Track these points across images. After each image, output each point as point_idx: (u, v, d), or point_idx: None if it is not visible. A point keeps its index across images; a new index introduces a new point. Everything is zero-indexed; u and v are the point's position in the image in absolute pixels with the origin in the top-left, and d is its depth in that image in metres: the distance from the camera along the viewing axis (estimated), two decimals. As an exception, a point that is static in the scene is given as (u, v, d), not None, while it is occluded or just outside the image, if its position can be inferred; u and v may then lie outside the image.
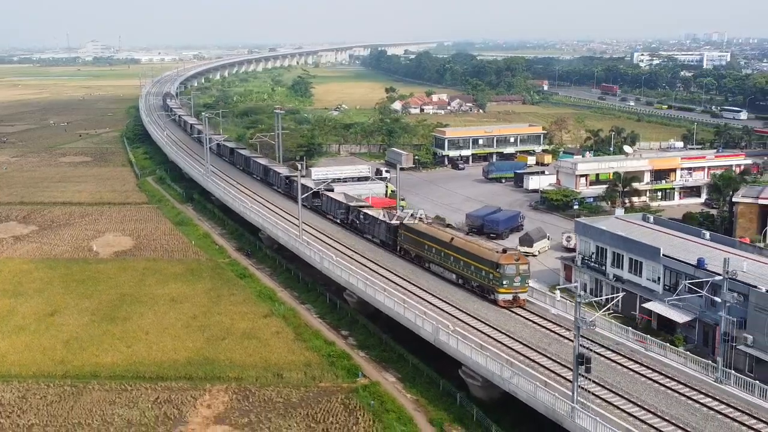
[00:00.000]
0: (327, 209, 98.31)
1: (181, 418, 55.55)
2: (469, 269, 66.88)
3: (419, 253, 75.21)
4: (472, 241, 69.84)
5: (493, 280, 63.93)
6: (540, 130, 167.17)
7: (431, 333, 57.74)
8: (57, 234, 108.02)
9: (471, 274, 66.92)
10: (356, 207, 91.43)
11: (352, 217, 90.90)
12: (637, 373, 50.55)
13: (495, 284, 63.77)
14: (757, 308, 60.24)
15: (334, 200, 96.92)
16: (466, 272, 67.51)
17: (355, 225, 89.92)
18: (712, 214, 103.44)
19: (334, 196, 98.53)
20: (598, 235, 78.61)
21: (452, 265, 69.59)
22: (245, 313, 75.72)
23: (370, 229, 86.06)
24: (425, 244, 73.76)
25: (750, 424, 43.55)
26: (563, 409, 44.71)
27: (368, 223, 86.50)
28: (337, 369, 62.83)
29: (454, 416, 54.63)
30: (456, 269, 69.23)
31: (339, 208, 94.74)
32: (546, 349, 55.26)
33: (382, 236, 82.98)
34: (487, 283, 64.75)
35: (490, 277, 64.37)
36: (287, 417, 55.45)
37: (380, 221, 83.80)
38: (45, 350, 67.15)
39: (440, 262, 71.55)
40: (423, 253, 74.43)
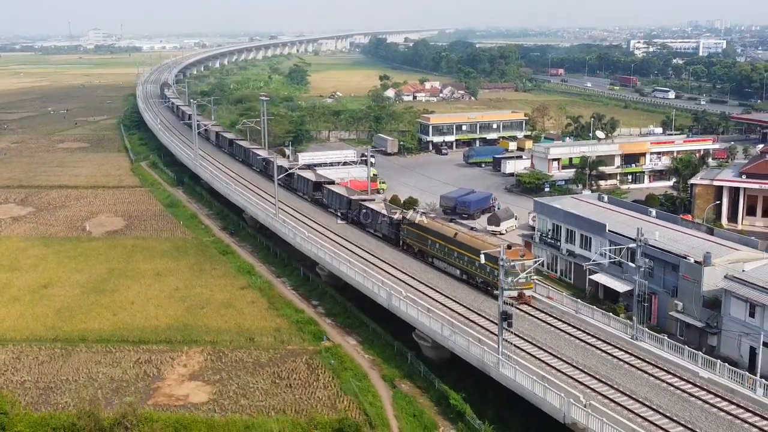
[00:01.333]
0: (329, 203, 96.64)
1: (159, 376, 61.38)
2: (473, 265, 65.23)
3: (422, 248, 74.37)
4: (476, 237, 68.85)
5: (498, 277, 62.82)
6: (522, 116, 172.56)
7: (385, 299, 63.49)
8: (53, 215, 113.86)
9: (475, 270, 65.51)
10: (358, 201, 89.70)
11: (353, 211, 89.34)
12: (562, 332, 56.29)
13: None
14: (686, 277, 65.94)
15: (335, 194, 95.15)
16: (470, 268, 66.07)
17: (356, 219, 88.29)
18: (673, 196, 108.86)
19: (336, 189, 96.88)
20: (554, 213, 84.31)
21: (456, 260, 68.58)
22: (224, 285, 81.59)
23: (372, 223, 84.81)
24: (428, 239, 72.81)
25: (651, 372, 49.27)
26: (491, 361, 50.43)
27: (370, 217, 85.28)
28: (304, 334, 68.67)
29: (404, 373, 60.50)
30: (459, 265, 68.21)
31: (341, 202, 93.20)
32: (489, 314, 60.80)
33: (384, 230, 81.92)
34: (492, 279, 62.55)
35: (494, 274, 61.13)
36: (255, 374, 61.27)
37: (382, 215, 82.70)
38: (38, 318, 73.04)
39: (443, 257, 70.53)
40: (426, 248, 73.53)
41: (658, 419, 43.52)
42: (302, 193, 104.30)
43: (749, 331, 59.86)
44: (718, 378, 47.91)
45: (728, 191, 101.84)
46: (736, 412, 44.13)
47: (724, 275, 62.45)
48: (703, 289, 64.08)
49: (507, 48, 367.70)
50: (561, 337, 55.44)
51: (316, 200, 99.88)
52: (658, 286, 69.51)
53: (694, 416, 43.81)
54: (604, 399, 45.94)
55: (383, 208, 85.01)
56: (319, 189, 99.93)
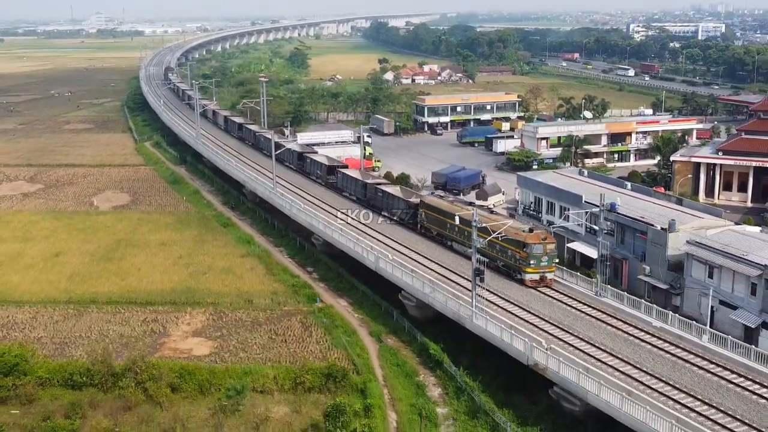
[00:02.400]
0: (343, 186, 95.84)
1: (164, 333, 66.62)
2: (494, 248, 64.82)
3: (441, 231, 74.02)
4: (497, 220, 67.42)
5: (520, 260, 62.36)
6: (515, 98, 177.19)
7: (373, 261, 68.70)
8: (61, 191, 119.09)
9: (496, 254, 65.25)
10: (374, 185, 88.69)
11: (369, 195, 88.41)
12: (532, 289, 61.55)
13: (522, 264, 62.24)
14: (653, 243, 71.10)
15: (350, 177, 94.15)
16: (491, 251, 65.20)
17: (372, 203, 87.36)
18: (654, 172, 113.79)
19: (350, 173, 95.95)
20: (535, 186, 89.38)
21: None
22: (225, 254, 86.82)
23: (388, 206, 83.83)
24: (447, 222, 72.23)
25: (609, 322, 54.56)
26: (466, 314, 55.68)
27: (386, 200, 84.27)
28: (299, 296, 73.94)
29: (390, 329, 65.81)
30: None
31: (356, 186, 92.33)
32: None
33: (401, 214, 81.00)
34: (514, 262, 63.25)
35: (516, 257, 62.79)
36: (253, 331, 66.50)
37: (399, 199, 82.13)
38: (51, 282, 78.32)
39: (463, 240, 69.33)
40: (445, 232, 73.17)
41: (609, 360, 48.78)
42: (315, 177, 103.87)
43: (708, 291, 65.04)
44: (669, 327, 53.08)
45: (705, 167, 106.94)
46: (680, 354, 49.34)
47: (687, 240, 67.53)
48: (668, 254, 69.15)
49: (505, 32, 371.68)
50: (531, 294, 60.69)
51: (330, 184, 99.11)
52: (629, 252, 74.64)
53: (642, 358, 49.04)
54: (564, 344, 51.17)
55: (399, 192, 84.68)
56: (333, 173, 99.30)
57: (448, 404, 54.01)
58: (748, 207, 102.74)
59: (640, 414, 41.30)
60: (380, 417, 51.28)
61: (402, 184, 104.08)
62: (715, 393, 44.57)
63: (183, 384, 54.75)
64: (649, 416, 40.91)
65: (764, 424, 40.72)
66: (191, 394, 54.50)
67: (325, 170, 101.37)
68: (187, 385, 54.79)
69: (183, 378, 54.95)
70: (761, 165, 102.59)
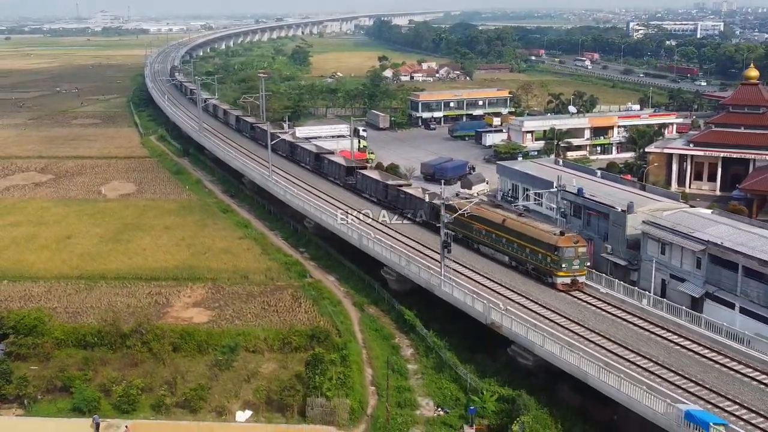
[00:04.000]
0: (362, 188, 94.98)
1: (167, 304, 73.32)
2: (524, 252, 64.56)
3: (467, 234, 73.03)
4: (527, 223, 66.80)
5: (551, 264, 61.65)
6: (506, 94, 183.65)
7: (357, 239, 75.47)
8: (71, 181, 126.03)
9: (526, 257, 64.61)
10: (395, 186, 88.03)
11: (390, 197, 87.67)
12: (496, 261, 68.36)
13: (553, 267, 61.60)
14: (614, 224, 77.65)
15: (370, 179, 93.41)
16: (521, 255, 65.07)
17: (393, 205, 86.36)
18: (631, 163, 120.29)
19: (370, 174, 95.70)
20: (513, 174, 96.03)
21: (504, 247, 67.42)
22: (224, 236, 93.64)
23: (410, 209, 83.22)
24: (473, 225, 71.56)
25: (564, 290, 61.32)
26: (435, 282, 62.38)
27: (409, 202, 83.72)
28: (291, 273, 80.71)
29: (371, 300, 72.64)
30: (509, 251, 66.99)
31: (376, 187, 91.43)
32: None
33: (425, 216, 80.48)
34: (545, 266, 62.53)
35: (547, 260, 62.01)
36: (248, 302, 73.16)
37: (422, 201, 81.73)
38: (64, 261, 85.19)
39: (491, 243, 69.23)
40: (472, 235, 72.32)
41: (556, 318, 55.53)
42: (333, 178, 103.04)
43: (661, 266, 71.65)
44: (614, 293, 59.74)
45: (677, 158, 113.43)
46: (619, 314, 56.04)
47: (643, 220, 74.05)
48: (627, 233, 75.70)
49: (504, 30, 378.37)
50: (493, 266, 67.45)
51: (349, 185, 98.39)
52: (594, 233, 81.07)
53: (585, 317, 55.77)
54: (519, 306, 57.86)
55: (422, 194, 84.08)
56: (352, 174, 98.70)
57: (418, 362, 60.76)
58: (717, 195, 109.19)
59: (575, 360, 47.94)
60: (357, 371, 58.02)
61: (391, 173, 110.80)
62: (644, 344, 51.26)
63: (183, 344, 61.56)
64: (583, 362, 47.56)
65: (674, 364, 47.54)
66: (190, 353, 61.29)
67: (344, 171, 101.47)
68: (187, 345, 61.59)
69: (183, 339, 61.74)
70: (729, 156, 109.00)
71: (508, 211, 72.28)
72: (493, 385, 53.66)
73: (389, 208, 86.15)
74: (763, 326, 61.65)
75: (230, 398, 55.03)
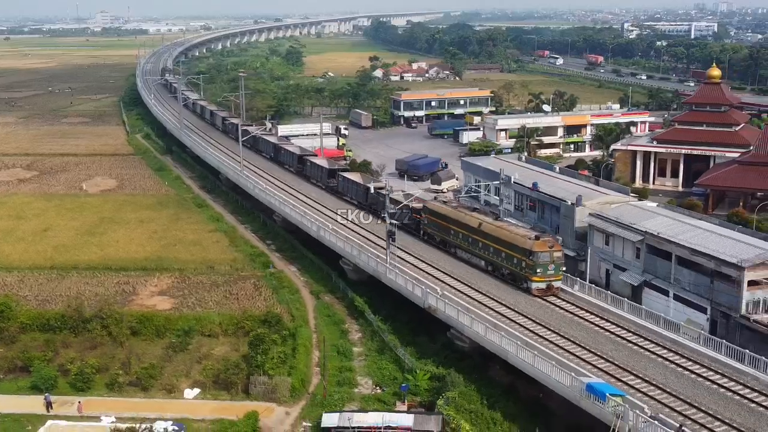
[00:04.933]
0: (344, 190, 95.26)
1: (134, 292, 76.50)
2: (500, 256, 63.95)
3: (444, 238, 72.75)
4: (502, 227, 65.85)
5: (526, 268, 60.75)
6: (488, 93, 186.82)
7: (315, 231, 78.79)
8: (54, 177, 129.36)
9: (502, 261, 63.97)
10: (376, 189, 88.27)
11: (371, 199, 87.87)
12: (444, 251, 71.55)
13: (528, 272, 60.66)
14: (564, 217, 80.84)
15: (351, 181, 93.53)
16: (496, 259, 64.51)
17: (373, 208, 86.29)
18: (599, 160, 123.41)
19: (351, 176, 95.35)
20: (476, 170, 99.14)
21: (480, 251, 66.78)
22: (196, 229, 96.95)
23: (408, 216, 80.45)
24: (451, 228, 71.26)
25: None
26: (382, 270, 65.63)
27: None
28: (256, 263, 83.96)
29: (328, 289, 76.00)
30: (485, 255, 66.24)
31: (357, 190, 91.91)
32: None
33: (405, 219, 78.45)
34: (519, 271, 61.73)
35: (522, 265, 61.15)
36: (211, 291, 76.39)
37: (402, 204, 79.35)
38: (39, 252, 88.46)
39: (467, 247, 68.68)
40: (448, 238, 71.86)
41: (492, 304, 58.78)
42: (316, 181, 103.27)
43: (605, 256, 74.87)
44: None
45: (642, 155, 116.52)
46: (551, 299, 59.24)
47: (589, 213, 77.22)
48: (576, 226, 78.89)
49: (495, 30, 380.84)
50: (441, 255, 70.75)
51: (331, 188, 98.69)
52: (548, 225, 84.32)
53: (518, 301, 59.01)
54: (456, 291, 61.10)
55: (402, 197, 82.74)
56: (334, 176, 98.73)
57: (364, 345, 64.02)
58: (680, 191, 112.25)
59: (497, 339, 51.15)
60: (304, 353, 61.25)
61: (363, 170, 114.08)
62: (567, 325, 54.47)
63: (142, 328, 64.95)
64: (504, 341, 50.77)
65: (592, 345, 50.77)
66: (149, 336, 64.69)
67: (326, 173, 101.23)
68: (146, 329, 64.98)
69: (142, 323, 65.13)
70: (690, 152, 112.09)
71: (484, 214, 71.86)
72: (428, 365, 56.86)
73: (370, 211, 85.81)
74: (693, 311, 65.05)
75: (180, 377, 58.33)
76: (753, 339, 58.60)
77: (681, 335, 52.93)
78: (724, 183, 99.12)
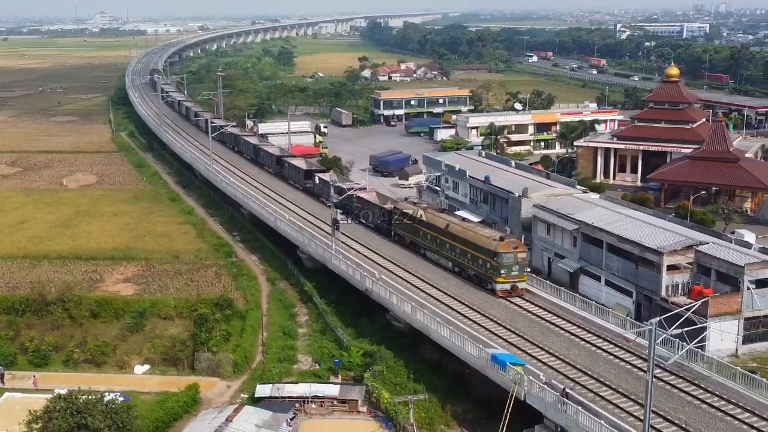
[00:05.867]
0: (320, 192, 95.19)
1: (100, 280, 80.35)
2: (466, 257, 64.50)
3: (414, 240, 73.03)
4: (468, 228, 66.59)
5: (491, 270, 61.38)
6: (467, 92, 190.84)
7: (273, 221, 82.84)
8: (37, 173, 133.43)
9: (467, 263, 64.45)
10: (348, 190, 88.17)
11: (344, 202, 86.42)
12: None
13: (492, 273, 61.25)
14: (512, 208, 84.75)
15: (327, 183, 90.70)
16: (463, 260, 65.08)
17: (348, 209, 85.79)
18: (564, 156, 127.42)
19: (327, 178, 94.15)
20: (437, 165, 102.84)
21: (448, 252, 67.37)
22: (166, 222, 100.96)
23: (364, 213, 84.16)
24: (420, 230, 71.56)
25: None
26: (328, 256, 69.65)
27: (362, 207, 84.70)
28: (219, 253, 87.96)
29: (283, 276, 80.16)
30: (452, 257, 66.95)
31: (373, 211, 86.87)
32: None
33: (377, 221, 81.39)
34: (484, 272, 62.27)
35: (487, 266, 61.77)
36: (174, 279, 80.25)
37: (374, 205, 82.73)
38: (13, 243, 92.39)
39: (436, 249, 69.20)
40: (418, 240, 72.13)
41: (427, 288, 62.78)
42: (293, 182, 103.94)
43: (547, 245, 78.80)
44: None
45: (602, 151, 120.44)
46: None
47: (533, 204, 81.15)
48: (522, 216, 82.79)
49: (485, 31, 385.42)
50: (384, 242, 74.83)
51: (308, 189, 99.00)
52: (498, 216, 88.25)
53: (450, 284, 62.92)
54: (393, 275, 65.07)
55: (375, 199, 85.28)
56: (310, 177, 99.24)
57: (309, 326, 68.01)
58: (638, 186, 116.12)
59: (421, 317, 55.12)
60: (252, 333, 65.28)
61: (333, 165, 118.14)
62: (490, 305, 58.43)
63: (102, 311, 69.03)
64: (427, 318, 54.73)
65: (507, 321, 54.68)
66: (108, 319, 68.71)
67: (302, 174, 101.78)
68: (106, 312, 69.05)
69: (102, 306, 69.21)
70: (648, 149, 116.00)
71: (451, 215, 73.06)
72: (363, 343, 60.80)
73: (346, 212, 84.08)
74: (622, 296, 68.98)
75: (132, 355, 62.42)
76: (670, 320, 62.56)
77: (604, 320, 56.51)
78: (675, 177, 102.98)
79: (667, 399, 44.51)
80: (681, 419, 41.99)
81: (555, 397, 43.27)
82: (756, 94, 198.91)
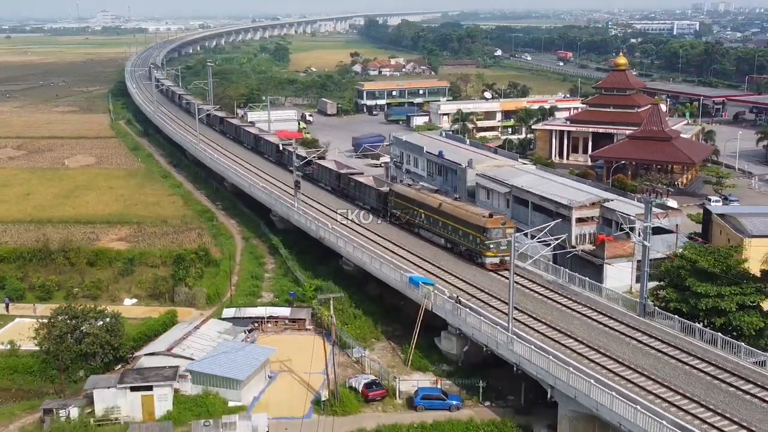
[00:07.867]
0: (319, 177, 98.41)
1: (96, 239, 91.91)
2: (457, 234, 67.72)
3: (409, 219, 75.84)
4: (459, 207, 70.03)
5: (480, 245, 64.66)
6: (446, 84, 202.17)
7: (247, 186, 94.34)
8: (41, 155, 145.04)
9: (459, 239, 67.70)
10: (347, 174, 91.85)
11: (342, 185, 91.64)
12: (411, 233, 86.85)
13: (482, 248, 64.61)
14: (459, 178, 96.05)
15: (325, 168, 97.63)
16: (454, 237, 68.31)
17: (345, 192, 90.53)
18: (525, 138, 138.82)
19: (325, 164, 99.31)
20: (401, 143, 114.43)
21: (440, 230, 70.58)
22: (157, 193, 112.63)
23: (360, 195, 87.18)
24: (414, 209, 74.69)
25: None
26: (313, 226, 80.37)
27: (358, 189, 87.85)
28: (202, 218, 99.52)
29: (256, 235, 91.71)
30: (444, 234, 70.06)
31: (330, 176, 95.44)
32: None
33: (373, 202, 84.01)
34: (475, 247, 65.56)
35: (477, 242, 65.01)
36: (161, 238, 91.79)
37: (370, 188, 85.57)
38: (20, 211, 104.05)
39: (429, 227, 72.37)
40: (412, 219, 75.23)
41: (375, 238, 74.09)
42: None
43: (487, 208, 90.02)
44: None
45: (557, 134, 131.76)
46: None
47: (476, 173, 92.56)
48: (468, 185, 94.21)
49: (475, 29, 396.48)
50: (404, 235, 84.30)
51: (307, 175, 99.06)
52: (450, 186, 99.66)
53: (401, 238, 74.30)
54: (347, 228, 76.55)
55: (372, 182, 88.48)
56: (309, 164, 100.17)
57: (274, 272, 79.49)
58: (588, 165, 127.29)
59: (359, 254, 66.50)
60: (224, 276, 76.71)
61: (311, 146, 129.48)
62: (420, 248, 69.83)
63: (98, 260, 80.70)
64: (365, 255, 66.12)
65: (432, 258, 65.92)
66: (103, 266, 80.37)
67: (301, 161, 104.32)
68: (101, 261, 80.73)
69: (98, 256, 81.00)
70: (596, 131, 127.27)
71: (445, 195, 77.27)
72: (315, 280, 72.24)
73: (343, 196, 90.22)
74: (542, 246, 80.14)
75: (122, 291, 73.87)
76: (580, 264, 73.92)
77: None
78: (616, 155, 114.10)
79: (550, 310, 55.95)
80: (548, 319, 53.50)
81: (452, 305, 54.70)
82: (719, 86, 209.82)
